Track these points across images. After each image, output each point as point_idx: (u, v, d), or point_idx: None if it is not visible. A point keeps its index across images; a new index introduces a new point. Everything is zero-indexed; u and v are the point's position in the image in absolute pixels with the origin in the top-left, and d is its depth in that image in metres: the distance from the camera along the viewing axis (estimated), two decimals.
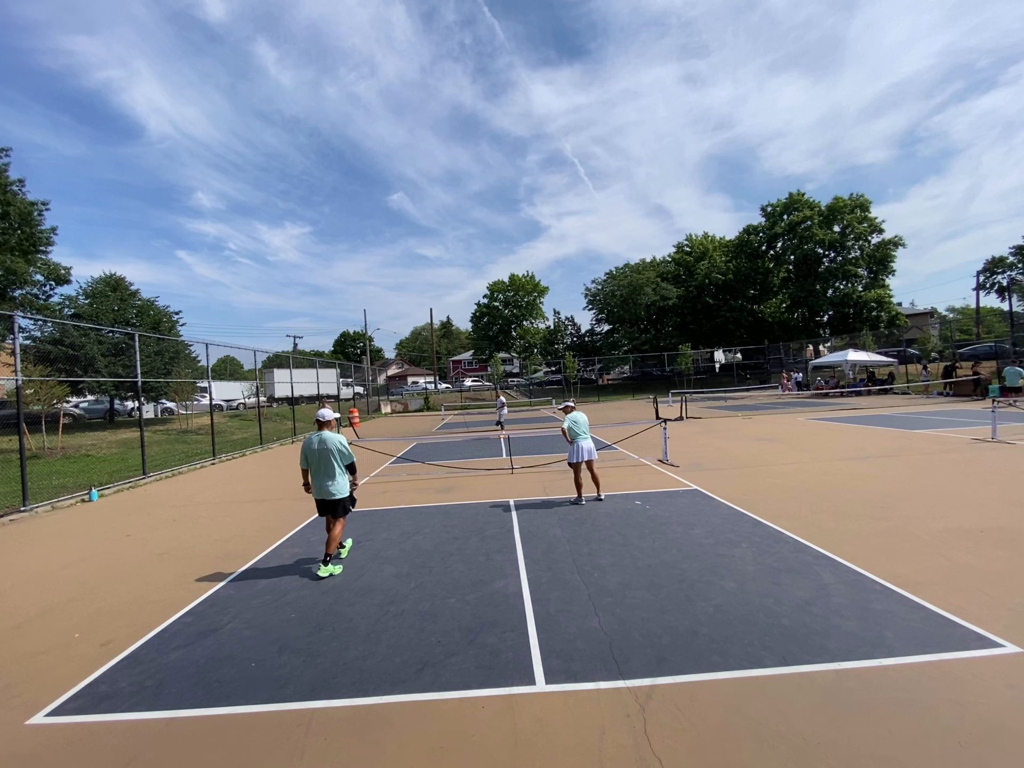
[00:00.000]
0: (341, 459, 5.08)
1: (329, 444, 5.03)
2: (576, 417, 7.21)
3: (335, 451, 5.04)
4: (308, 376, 25.31)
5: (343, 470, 5.12)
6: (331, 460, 5.02)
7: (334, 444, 5.05)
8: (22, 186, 19.64)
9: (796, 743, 2.37)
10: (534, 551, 5.21)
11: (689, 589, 4.10)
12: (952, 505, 6.02)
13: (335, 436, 5.09)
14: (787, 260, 44.28)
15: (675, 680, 2.89)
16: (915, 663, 2.94)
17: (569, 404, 7.59)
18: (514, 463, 10.07)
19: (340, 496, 5.04)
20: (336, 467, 5.05)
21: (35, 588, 5.06)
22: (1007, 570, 4.13)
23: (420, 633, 3.63)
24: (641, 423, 13.05)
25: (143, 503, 8.92)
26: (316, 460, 5.05)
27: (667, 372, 42.34)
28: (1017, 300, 34.66)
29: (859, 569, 4.29)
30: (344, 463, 5.11)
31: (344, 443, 5.12)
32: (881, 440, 11.20)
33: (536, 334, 58.55)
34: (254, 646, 3.60)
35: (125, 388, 21.61)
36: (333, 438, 5.06)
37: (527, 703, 2.79)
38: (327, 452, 5.01)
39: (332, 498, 5.01)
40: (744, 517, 6.00)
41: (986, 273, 41.64)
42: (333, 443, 5.04)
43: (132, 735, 2.74)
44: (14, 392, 9.62)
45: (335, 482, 5.02)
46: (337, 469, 5.05)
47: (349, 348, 76.46)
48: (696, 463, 9.57)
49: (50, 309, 21.39)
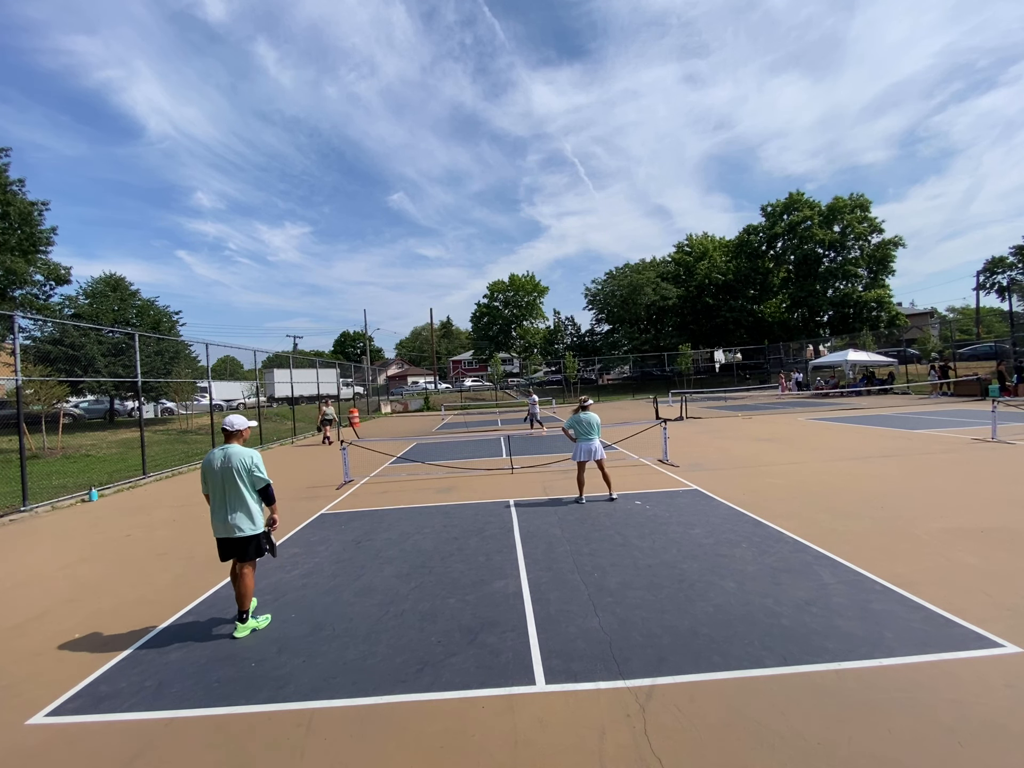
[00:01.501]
0: (251, 482, 3.86)
1: (235, 462, 3.81)
2: (580, 417, 7.21)
3: (243, 471, 3.82)
4: (308, 376, 25.32)
5: (255, 498, 3.89)
6: (237, 484, 3.81)
7: (242, 462, 3.83)
8: (22, 186, 19.65)
9: (796, 743, 2.37)
10: (534, 551, 5.21)
11: (689, 589, 4.10)
12: (952, 505, 6.02)
13: (245, 451, 3.89)
14: (787, 260, 44.29)
15: (675, 680, 2.89)
16: (915, 663, 2.94)
17: (584, 401, 7.33)
18: (514, 463, 10.07)
19: (250, 533, 3.84)
20: (244, 493, 3.83)
21: (35, 588, 5.06)
22: (1007, 570, 4.13)
23: (420, 633, 3.63)
24: (641, 423, 13.05)
25: (143, 503, 8.92)
26: (218, 483, 3.83)
27: (667, 372, 42.34)
28: (1017, 300, 34.67)
29: (859, 569, 4.29)
30: (256, 488, 3.88)
31: (257, 461, 3.89)
32: (881, 440, 11.20)
33: (536, 334, 58.56)
34: (254, 646, 3.61)
35: (125, 388, 21.62)
36: (241, 453, 3.86)
37: (527, 703, 2.79)
38: (232, 472, 3.81)
39: (237, 536, 3.81)
40: (744, 517, 6.00)
41: (986, 273, 41.67)
42: (241, 460, 3.83)
43: (132, 735, 2.74)
44: (14, 392, 9.62)
45: (243, 514, 3.82)
46: (246, 496, 3.84)
47: (349, 348, 76.46)
48: (696, 463, 9.57)
49: (50, 309, 21.40)
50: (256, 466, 3.88)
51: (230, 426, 3.99)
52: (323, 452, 14.91)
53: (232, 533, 3.82)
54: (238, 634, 3.78)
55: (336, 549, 5.69)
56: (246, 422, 4.07)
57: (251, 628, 3.85)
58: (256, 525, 3.87)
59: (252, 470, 3.86)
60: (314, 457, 14.21)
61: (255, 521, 3.88)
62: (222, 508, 3.83)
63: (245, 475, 3.84)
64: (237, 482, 3.82)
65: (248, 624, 3.85)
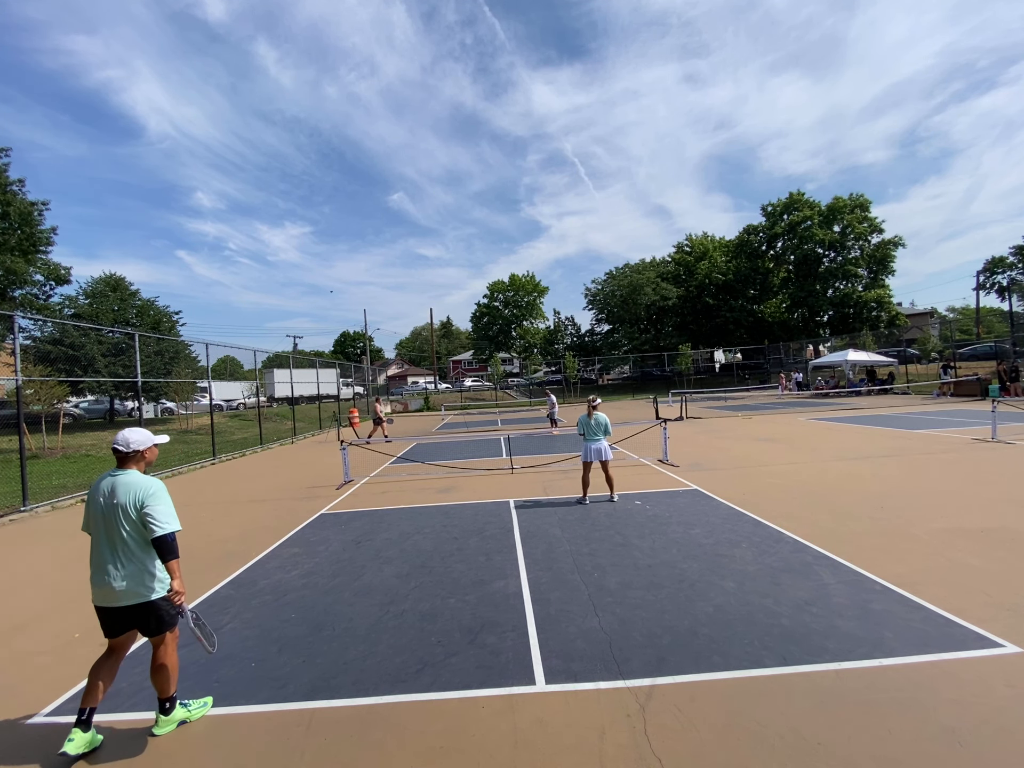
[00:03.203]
0: (142, 527, 2.65)
1: (120, 496, 2.67)
2: (583, 417, 7.21)
3: (130, 510, 2.65)
4: (308, 376, 25.33)
5: (146, 552, 2.69)
6: (120, 530, 2.65)
7: (131, 498, 2.66)
8: (22, 186, 19.70)
9: (796, 743, 2.37)
10: (534, 551, 5.21)
11: (689, 589, 4.10)
12: (952, 505, 6.02)
13: (139, 482, 2.72)
14: (787, 260, 44.31)
15: (675, 680, 2.89)
16: (915, 663, 2.94)
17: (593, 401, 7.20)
18: (514, 463, 10.07)
19: (142, 600, 2.67)
20: (131, 543, 2.67)
21: (35, 588, 5.06)
22: (1007, 570, 4.13)
23: (420, 633, 3.63)
24: (641, 423, 13.05)
25: None
26: (99, 525, 2.71)
27: (667, 372, 42.37)
28: (1017, 300, 34.70)
29: (859, 569, 4.29)
30: (152, 535, 2.63)
31: (154, 496, 2.69)
32: (881, 440, 11.20)
33: (536, 334, 58.56)
34: (254, 646, 3.60)
35: (125, 388, 21.62)
36: (134, 485, 2.70)
37: (527, 703, 2.79)
38: (116, 512, 2.66)
39: (123, 604, 2.66)
40: (744, 517, 6.00)
41: (986, 273, 41.65)
42: (130, 495, 2.67)
43: (132, 735, 2.74)
44: (14, 392, 9.63)
45: (131, 572, 2.66)
46: (134, 547, 2.67)
47: (349, 348, 76.45)
48: (696, 463, 9.57)
49: (50, 309, 21.43)
50: (151, 504, 2.64)
51: (124, 445, 2.77)
52: (323, 452, 14.91)
53: (114, 601, 2.65)
54: (159, 730, 2.71)
55: (336, 549, 5.69)
56: (150, 438, 2.89)
57: (178, 720, 2.77)
58: (154, 586, 2.70)
59: (144, 509, 2.63)
60: (314, 457, 14.22)
61: (155, 580, 2.70)
62: (101, 560, 2.68)
63: (135, 516, 2.64)
64: (121, 527, 2.65)
65: (174, 715, 2.76)
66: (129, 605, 2.68)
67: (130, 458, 2.81)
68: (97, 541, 2.74)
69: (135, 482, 2.73)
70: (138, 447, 2.82)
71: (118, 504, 2.67)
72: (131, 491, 2.69)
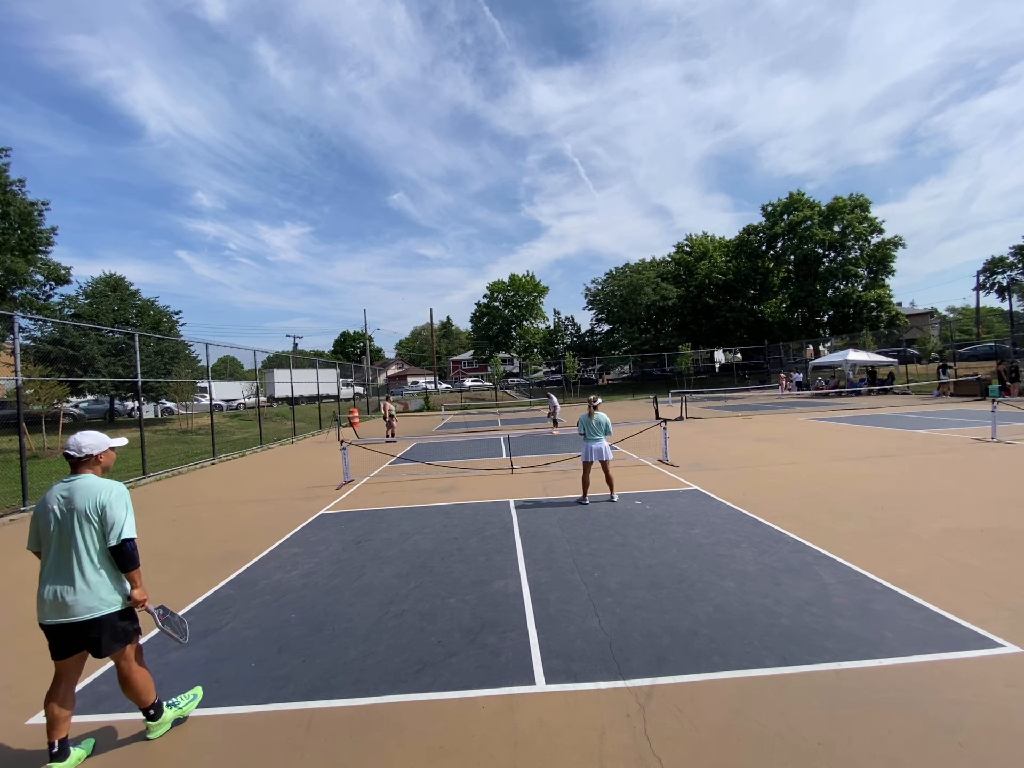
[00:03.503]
0: (101, 536, 2.53)
1: (79, 502, 2.51)
2: (584, 417, 7.21)
3: (91, 515, 2.51)
4: (308, 376, 25.33)
5: (102, 562, 2.54)
6: (79, 537, 2.51)
7: (91, 502, 2.52)
8: (22, 186, 19.69)
9: (796, 743, 2.37)
10: (534, 551, 5.21)
11: (689, 589, 4.10)
12: (952, 505, 6.02)
13: (100, 485, 2.58)
14: (787, 260, 44.30)
15: (675, 680, 2.89)
16: (915, 663, 2.94)
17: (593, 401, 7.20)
18: (514, 463, 10.07)
19: (98, 614, 2.50)
20: (91, 551, 2.52)
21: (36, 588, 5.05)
22: (1007, 570, 4.13)
23: (420, 633, 3.63)
24: (641, 423, 13.05)
25: (143, 503, 8.92)
26: (53, 535, 2.55)
27: (667, 372, 42.36)
28: (1017, 300, 34.70)
29: (859, 569, 4.29)
30: (110, 543, 2.51)
31: (117, 500, 2.57)
32: (881, 440, 11.20)
33: (536, 334, 58.55)
34: (254, 646, 3.60)
35: (125, 388, 21.61)
36: (94, 489, 2.55)
37: (527, 703, 2.79)
38: (73, 519, 2.51)
39: (80, 619, 2.47)
40: (744, 517, 6.00)
41: (986, 273, 41.63)
42: (90, 500, 2.52)
43: (132, 735, 2.74)
44: (14, 392, 9.63)
45: (88, 583, 2.49)
46: (93, 555, 2.52)
47: (349, 348, 76.44)
48: (696, 463, 9.57)
49: (50, 309, 21.42)
50: (110, 510, 2.51)
51: (76, 449, 2.60)
52: (323, 452, 14.91)
53: (69, 615, 2.45)
54: (152, 735, 2.67)
55: (336, 549, 5.69)
56: (105, 441, 2.71)
57: (171, 720, 2.73)
58: (112, 598, 2.54)
59: (106, 514, 2.51)
60: (314, 457, 14.21)
61: (110, 592, 2.54)
62: (54, 573, 2.52)
63: (96, 521, 2.51)
64: (78, 534, 2.49)
65: (164, 717, 2.69)
66: (81, 620, 2.47)
67: (83, 463, 2.65)
68: (49, 554, 2.55)
69: (93, 485, 2.57)
70: (91, 451, 2.65)
71: (75, 510, 2.51)
72: (90, 495, 2.53)
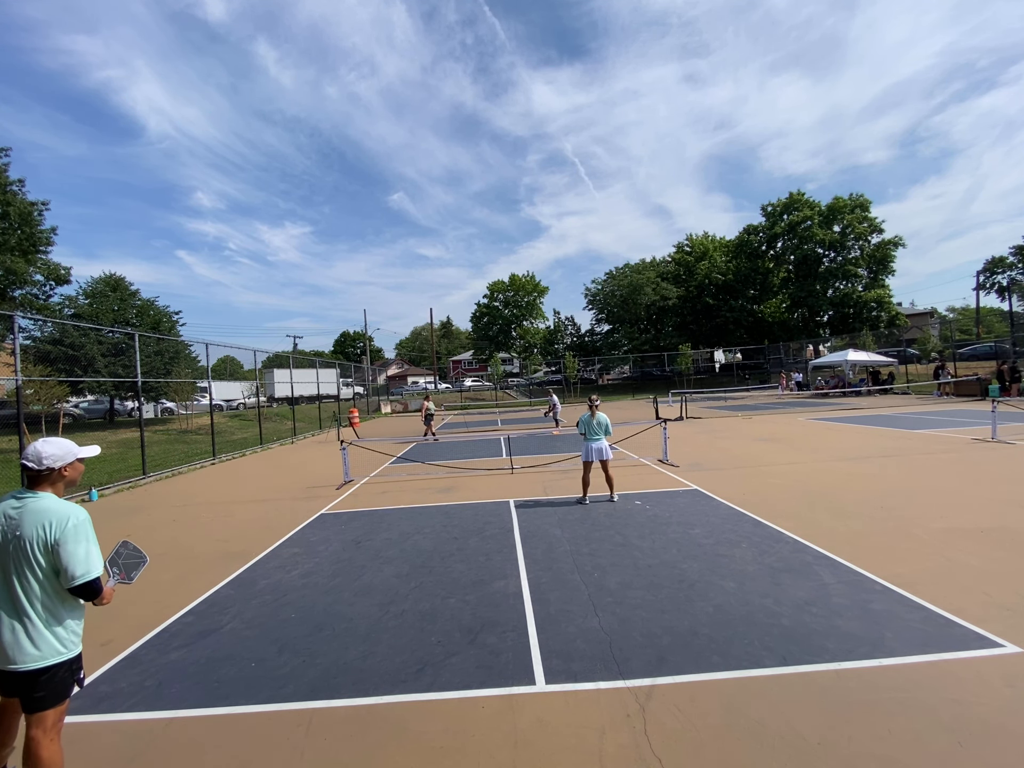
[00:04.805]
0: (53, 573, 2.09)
1: (27, 528, 2.06)
2: (585, 417, 7.21)
3: (37, 548, 2.05)
4: (308, 376, 25.34)
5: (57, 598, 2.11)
6: (26, 571, 2.05)
7: (41, 531, 2.06)
8: (22, 186, 19.66)
9: (796, 743, 2.37)
10: (534, 551, 5.21)
11: (689, 589, 4.10)
12: (952, 505, 6.02)
13: (54, 510, 2.10)
14: (787, 260, 44.31)
15: (675, 680, 2.89)
16: (915, 663, 2.94)
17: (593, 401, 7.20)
18: (514, 463, 10.07)
19: (43, 664, 2.05)
20: (37, 589, 2.07)
21: None
22: (1007, 570, 4.13)
23: (420, 633, 3.63)
24: (641, 423, 13.04)
25: (143, 503, 8.92)
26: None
27: (667, 372, 42.38)
28: (1017, 300, 34.71)
29: (859, 569, 4.29)
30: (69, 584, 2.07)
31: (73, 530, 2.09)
32: (881, 440, 11.20)
33: (536, 334, 58.57)
34: (254, 646, 3.60)
35: (125, 388, 21.60)
36: (45, 514, 2.08)
37: (527, 703, 2.79)
38: (19, 547, 2.05)
39: (21, 668, 2.02)
40: (744, 517, 6.00)
41: (986, 273, 41.67)
42: (40, 528, 2.06)
43: (132, 735, 2.74)
44: (14, 392, 9.62)
45: (31, 625, 2.05)
46: (40, 594, 2.07)
47: (349, 348, 76.45)
48: (696, 463, 9.57)
49: (50, 309, 21.40)
50: (67, 546, 2.05)
51: (35, 460, 2.13)
52: (323, 452, 14.91)
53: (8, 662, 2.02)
54: None
55: (336, 549, 5.69)
56: (71, 451, 2.26)
57: None
58: (60, 646, 2.10)
59: (59, 554, 2.05)
60: (314, 457, 14.21)
61: (56, 640, 2.09)
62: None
63: (42, 558, 2.05)
64: (21, 567, 2.05)
65: None
66: (14, 671, 2.01)
67: (43, 478, 2.16)
68: None
69: (48, 510, 2.08)
70: (53, 463, 2.15)
71: (23, 537, 2.04)
72: (42, 523, 2.05)
